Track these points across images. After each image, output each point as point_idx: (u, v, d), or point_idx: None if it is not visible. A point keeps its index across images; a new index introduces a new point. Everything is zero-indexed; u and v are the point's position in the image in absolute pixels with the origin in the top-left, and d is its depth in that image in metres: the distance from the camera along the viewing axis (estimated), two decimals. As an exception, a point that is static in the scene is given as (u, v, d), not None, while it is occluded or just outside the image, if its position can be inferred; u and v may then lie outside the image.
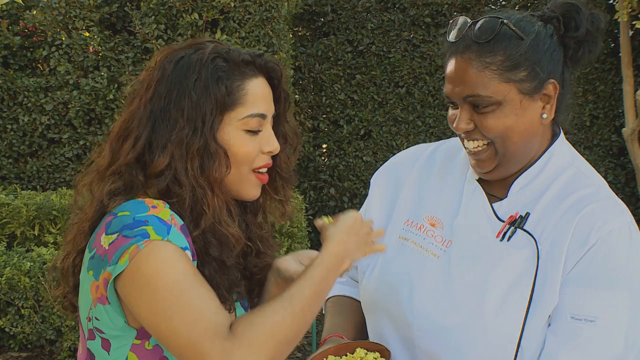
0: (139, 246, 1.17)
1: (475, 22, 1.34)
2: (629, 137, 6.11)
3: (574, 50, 1.37)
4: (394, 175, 1.61)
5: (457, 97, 1.35)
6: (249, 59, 1.31)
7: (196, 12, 5.25)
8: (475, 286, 1.35)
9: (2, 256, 4.16)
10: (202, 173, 1.26)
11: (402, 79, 6.72)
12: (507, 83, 1.31)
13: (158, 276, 1.17)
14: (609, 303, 1.28)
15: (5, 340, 4.31)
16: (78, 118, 5.50)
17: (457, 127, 1.36)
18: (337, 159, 6.80)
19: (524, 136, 1.35)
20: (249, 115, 1.29)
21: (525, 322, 1.31)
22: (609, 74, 6.60)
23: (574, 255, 1.31)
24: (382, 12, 6.70)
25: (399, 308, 1.44)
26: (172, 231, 1.20)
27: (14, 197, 4.77)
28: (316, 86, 6.82)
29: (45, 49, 5.51)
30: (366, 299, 1.55)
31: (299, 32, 6.94)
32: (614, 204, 1.36)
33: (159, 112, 1.27)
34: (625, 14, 5.76)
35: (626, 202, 6.63)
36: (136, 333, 1.25)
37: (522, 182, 1.41)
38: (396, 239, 1.51)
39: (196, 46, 1.32)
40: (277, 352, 1.17)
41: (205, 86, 1.26)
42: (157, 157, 1.25)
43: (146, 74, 1.33)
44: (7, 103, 5.57)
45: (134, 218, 1.20)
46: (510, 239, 1.36)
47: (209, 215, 1.26)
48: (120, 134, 1.31)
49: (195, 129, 1.25)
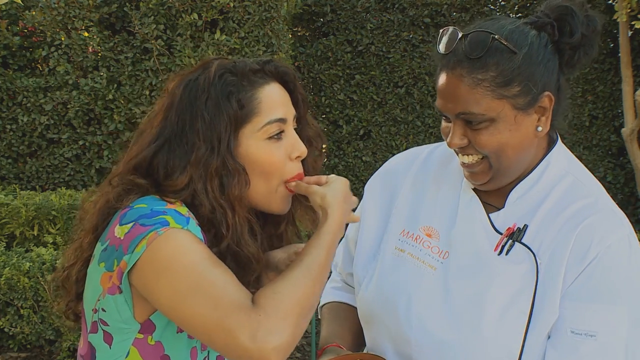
0: (158, 232, 1.17)
1: (466, 35, 1.30)
2: (628, 137, 6.11)
3: (569, 55, 1.33)
4: (389, 183, 1.57)
5: (450, 113, 1.32)
6: (257, 68, 1.30)
7: (195, 12, 5.25)
8: (473, 301, 1.33)
9: (2, 256, 4.16)
10: (222, 192, 1.26)
11: (401, 79, 6.72)
12: (500, 100, 1.27)
13: (177, 259, 1.17)
14: (609, 318, 1.27)
15: (4, 340, 4.31)
16: (77, 118, 5.50)
17: (451, 143, 1.33)
18: (337, 159, 6.80)
19: (519, 150, 1.32)
20: (268, 122, 1.28)
21: (526, 338, 1.29)
22: (608, 74, 6.60)
23: (574, 270, 1.29)
24: (381, 12, 6.71)
25: (397, 322, 1.41)
26: (191, 223, 1.21)
27: (13, 197, 4.77)
28: (315, 86, 6.82)
29: (44, 49, 5.51)
30: (363, 312, 1.53)
31: (299, 32, 6.94)
32: (612, 215, 1.34)
33: (173, 137, 1.27)
34: (625, 14, 5.76)
35: (625, 202, 6.63)
36: (139, 327, 1.25)
37: (519, 192, 1.38)
38: (392, 249, 1.48)
39: (202, 66, 1.31)
40: (302, 319, 1.18)
41: (216, 104, 1.25)
42: (177, 177, 1.25)
43: (160, 102, 1.33)
44: (7, 103, 5.57)
45: (152, 209, 1.21)
46: (509, 253, 1.33)
47: (228, 238, 1.26)
48: (135, 164, 1.29)
49: (212, 148, 1.25)
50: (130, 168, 1.29)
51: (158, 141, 1.28)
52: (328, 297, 1.68)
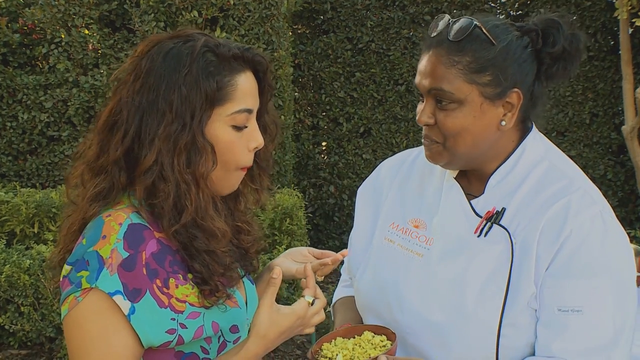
0: (77, 298, 1.21)
1: (455, 21, 1.39)
2: (629, 134, 6.11)
3: (548, 65, 1.41)
4: (379, 185, 1.67)
5: (423, 89, 1.40)
6: (238, 54, 1.30)
7: (196, 10, 5.24)
8: (455, 282, 1.40)
9: (2, 254, 4.16)
10: (187, 168, 1.26)
11: (401, 77, 6.72)
12: (471, 84, 1.36)
13: (75, 336, 1.21)
14: (592, 291, 1.32)
15: (4, 337, 4.32)
16: (77, 116, 5.50)
17: (419, 119, 1.42)
18: (337, 156, 6.80)
19: (477, 139, 1.40)
20: (237, 111, 1.29)
21: (503, 313, 1.35)
22: (609, 71, 6.60)
23: (549, 249, 1.35)
24: (381, 9, 6.70)
25: (389, 309, 1.49)
26: (103, 274, 1.20)
27: (13, 195, 4.77)
28: (316, 84, 6.82)
29: (44, 46, 5.50)
30: (359, 302, 1.61)
31: (299, 29, 6.94)
32: (585, 194, 1.39)
33: (147, 104, 1.26)
34: (625, 12, 5.75)
35: (626, 199, 6.62)
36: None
37: (497, 178, 1.45)
38: (382, 240, 1.57)
39: (185, 37, 1.30)
40: None
41: (195, 81, 1.25)
42: (145, 154, 1.25)
43: (132, 62, 1.31)
44: (7, 101, 5.57)
45: (84, 255, 1.22)
46: (487, 234, 1.41)
47: (191, 211, 1.26)
48: (107, 124, 1.30)
49: (184, 124, 1.25)
50: (121, 154, 1.28)
51: (138, 113, 1.27)
52: (339, 295, 1.79)
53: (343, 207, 6.80)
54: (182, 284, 1.26)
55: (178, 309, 1.25)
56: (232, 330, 1.36)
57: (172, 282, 1.25)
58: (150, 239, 1.25)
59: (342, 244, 6.51)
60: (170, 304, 1.24)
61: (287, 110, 5.87)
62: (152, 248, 1.25)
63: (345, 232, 6.54)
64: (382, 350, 1.36)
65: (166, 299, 1.24)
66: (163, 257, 1.26)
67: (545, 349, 1.34)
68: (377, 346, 1.38)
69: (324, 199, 6.82)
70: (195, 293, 1.28)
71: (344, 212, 6.79)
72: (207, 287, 1.28)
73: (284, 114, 5.77)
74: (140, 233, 1.25)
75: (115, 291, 1.20)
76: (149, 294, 1.22)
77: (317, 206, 6.79)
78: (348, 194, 6.74)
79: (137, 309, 1.20)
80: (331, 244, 6.73)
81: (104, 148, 1.29)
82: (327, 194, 6.82)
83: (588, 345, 1.32)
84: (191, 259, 1.28)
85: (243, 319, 1.40)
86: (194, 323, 1.27)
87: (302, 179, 6.85)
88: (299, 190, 6.05)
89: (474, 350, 1.37)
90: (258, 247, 1.49)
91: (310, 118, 6.85)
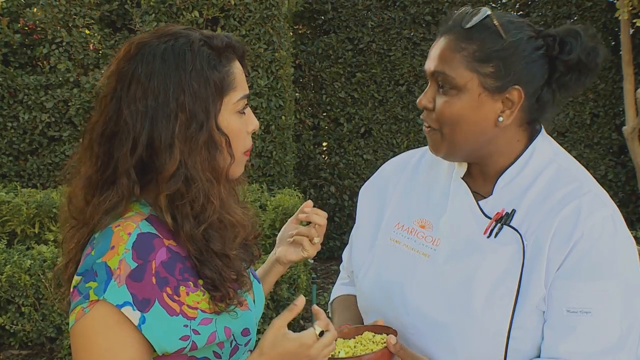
0: (84, 309, 1.20)
1: (472, 10, 1.40)
2: (630, 135, 6.11)
3: (561, 73, 1.40)
4: (383, 185, 1.66)
5: (428, 71, 1.42)
6: (229, 43, 1.32)
7: (196, 10, 5.25)
8: (463, 283, 1.39)
9: (3, 254, 4.16)
10: (209, 165, 1.26)
11: (402, 77, 6.72)
12: (472, 72, 1.36)
13: (81, 348, 1.22)
14: (602, 293, 1.32)
15: (5, 338, 4.32)
16: (78, 116, 5.51)
17: (419, 101, 1.44)
18: (338, 157, 6.80)
19: (473, 129, 1.40)
20: (241, 97, 1.31)
21: (514, 316, 1.34)
22: (610, 72, 6.60)
23: (560, 251, 1.34)
24: (382, 10, 6.70)
25: (393, 309, 1.47)
26: (111, 286, 1.19)
27: (14, 195, 4.77)
28: (316, 84, 6.82)
29: (45, 46, 5.51)
30: (362, 302, 1.60)
31: (300, 30, 6.94)
32: (596, 197, 1.39)
33: (154, 109, 1.23)
34: (626, 12, 5.76)
35: (626, 200, 6.62)
36: None
37: (506, 179, 1.45)
38: (387, 240, 1.55)
39: (173, 35, 1.28)
40: None
41: (202, 75, 1.25)
42: (165, 160, 1.23)
43: (118, 67, 1.28)
44: (8, 101, 5.57)
45: (93, 265, 1.21)
46: (497, 236, 1.40)
47: (217, 207, 1.27)
48: (106, 136, 1.26)
49: (200, 122, 1.24)
50: (134, 164, 1.25)
51: (147, 119, 1.24)
52: (337, 292, 1.78)
53: (344, 208, 6.80)
54: (192, 291, 1.26)
55: (190, 316, 1.24)
56: (244, 333, 1.36)
57: (182, 290, 1.24)
58: (160, 247, 1.24)
59: (343, 244, 6.51)
60: (182, 311, 1.23)
61: (287, 110, 5.87)
62: (162, 257, 1.24)
63: (346, 233, 6.54)
64: (383, 346, 1.37)
65: (177, 306, 1.23)
66: (173, 265, 1.25)
67: (552, 351, 1.33)
68: (378, 343, 1.39)
69: (325, 200, 6.82)
70: (206, 299, 1.27)
71: (345, 212, 6.79)
72: (218, 293, 1.27)
73: (284, 115, 5.78)
74: (150, 242, 1.24)
75: (124, 302, 1.19)
76: (157, 303, 1.21)
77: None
78: (349, 194, 6.74)
79: (147, 319, 1.20)
80: (332, 245, 6.74)
81: (108, 161, 1.26)
82: (328, 194, 6.82)
83: (595, 348, 1.31)
84: (202, 266, 1.27)
85: (253, 321, 1.40)
86: (206, 329, 1.26)
87: (302, 180, 6.85)
88: (299, 191, 6.05)
89: (481, 352, 1.36)
90: (256, 233, 1.50)
91: (311, 118, 6.85)
